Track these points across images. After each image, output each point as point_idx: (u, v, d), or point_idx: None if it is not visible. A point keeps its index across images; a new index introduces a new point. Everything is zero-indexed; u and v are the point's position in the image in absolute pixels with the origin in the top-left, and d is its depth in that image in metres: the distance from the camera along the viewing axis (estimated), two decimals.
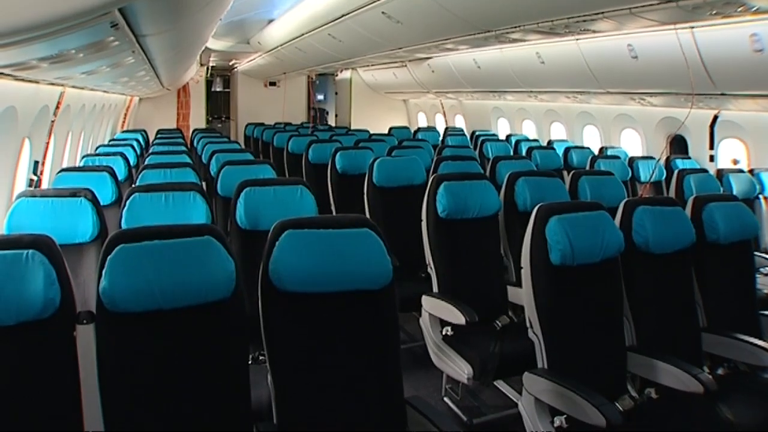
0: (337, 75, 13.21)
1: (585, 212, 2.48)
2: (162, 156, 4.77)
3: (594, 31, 4.32)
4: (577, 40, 5.37)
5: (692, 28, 4.29)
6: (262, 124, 10.27)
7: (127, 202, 2.73)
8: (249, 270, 2.28)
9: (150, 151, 5.59)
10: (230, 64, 11.99)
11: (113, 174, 3.55)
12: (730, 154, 5.68)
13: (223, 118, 13.53)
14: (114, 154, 4.73)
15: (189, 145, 7.86)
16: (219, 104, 13.52)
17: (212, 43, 9.13)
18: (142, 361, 1.75)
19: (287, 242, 1.94)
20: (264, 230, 2.04)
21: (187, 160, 4.57)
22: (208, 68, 12.33)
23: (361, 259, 1.98)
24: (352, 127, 11.47)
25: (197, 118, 12.37)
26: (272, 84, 12.92)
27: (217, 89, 13.53)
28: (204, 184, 4.69)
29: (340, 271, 1.95)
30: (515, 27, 4.31)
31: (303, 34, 7.14)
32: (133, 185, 2.97)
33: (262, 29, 8.67)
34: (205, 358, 1.81)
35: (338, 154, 4.77)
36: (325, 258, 1.94)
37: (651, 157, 5.86)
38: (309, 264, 1.92)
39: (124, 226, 2.64)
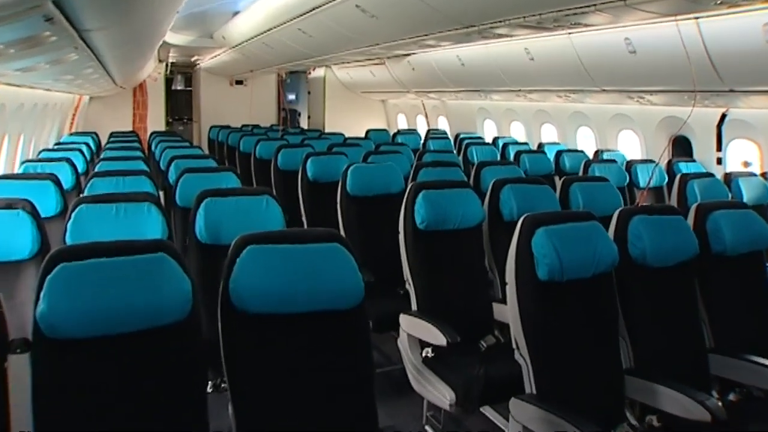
0: (309, 73, 13.22)
1: (575, 223, 2.50)
2: (115, 162, 4.73)
3: (586, 25, 4.37)
4: (570, 33, 5.41)
5: (697, 18, 4.29)
6: (227, 127, 10.23)
7: (73, 215, 2.69)
8: (209, 289, 2.27)
9: (101, 156, 5.53)
10: (192, 60, 11.94)
11: (57, 182, 3.49)
12: (741, 156, 5.72)
13: (184, 120, 13.46)
14: (59, 159, 4.66)
15: (146, 150, 7.80)
16: (180, 104, 13.44)
17: (171, 37, 9.08)
18: (85, 394, 1.72)
19: (249, 259, 1.94)
20: (226, 245, 2.04)
21: (143, 167, 4.53)
22: (167, 65, 12.26)
23: (330, 276, 1.99)
24: (326, 130, 11.48)
25: (155, 120, 12.28)
26: (239, 83, 12.89)
27: (178, 88, 13.46)
28: (162, 193, 4.65)
29: (307, 289, 1.95)
30: (500, 22, 4.35)
31: (271, 29, 7.13)
32: (81, 195, 2.93)
33: (226, 23, 8.64)
34: (157, 388, 1.79)
35: (309, 160, 4.78)
36: (290, 276, 1.95)
37: (651, 161, 5.92)
38: (272, 282, 1.92)
39: (68, 241, 2.61)
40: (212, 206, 2.91)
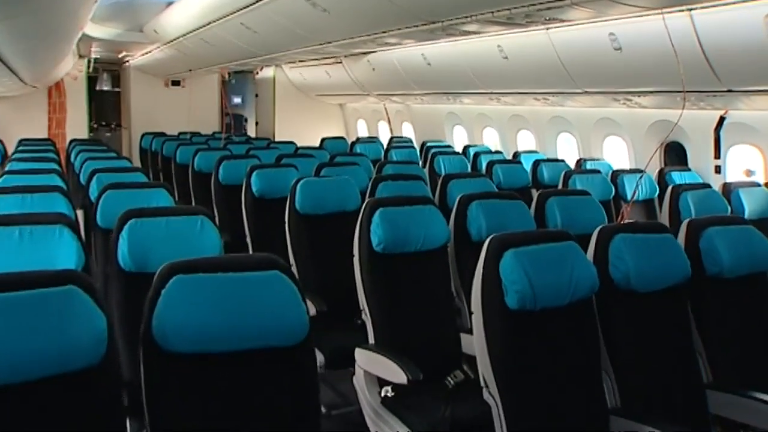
0: (257, 73, 13.21)
1: (549, 243, 2.55)
2: (22, 176, 4.62)
3: (563, 21, 4.46)
4: (548, 29, 5.50)
5: (690, 10, 4.35)
6: (162, 135, 10.16)
7: None
8: (135, 325, 2.24)
9: (5, 168, 5.43)
10: (120, 56, 11.82)
11: None
12: (742, 164, 5.82)
13: (112, 126, 13.32)
14: None
15: (63, 162, 7.68)
16: (106, 108, 13.30)
17: (93, 30, 9.00)
18: None
19: (176, 290, 1.94)
20: (153, 273, 2.03)
21: (58, 181, 4.45)
22: (89, 61, 12.12)
23: (269, 309, 2.00)
24: (277, 138, 11.48)
25: (76, 126, 12.08)
26: (175, 84, 12.81)
27: (104, 88, 13.31)
28: (81, 213, 4.58)
29: (242, 325, 1.96)
30: (466, 18, 4.41)
31: (210, 23, 7.14)
32: None
33: (158, 14, 8.62)
34: None
35: (255, 173, 4.80)
36: (223, 309, 1.95)
37: (640, 171, 6.00)
38: (203, 317, 1.92)
39: None
40: (138, 228, 2.88)
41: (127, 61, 12.43)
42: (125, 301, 2.81)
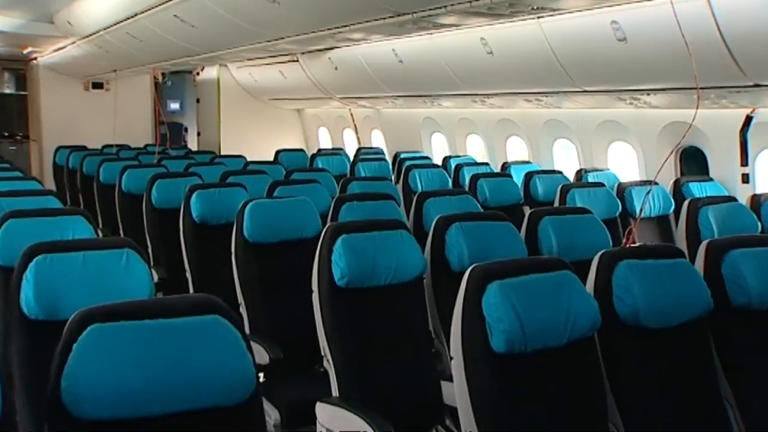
0: (197, 74, 13.20)
1: (541, 273, 2.57)
2: None
3: (554, 10, 4.50)
4: (539, 18, 5.54)
5: None
6: (82, 148, 10.07)
7: None
8: (40, 386, 2.21)
9: None
10: (25, 52, 11.72)
11: None
12: None
13: (17, 137, 13.19)
14: None
15: None
16: (9, 115, 13.21)
17: None
18: None
19: (91, 342, 1.90)
20: (65, 321, 2.00)
21: None
22: None
23: (208, 362, 1.98)
24: (222, 152, 11.46)
25: None
26: (97, 86, 12.75)
27: (6, 91, 13.25)
28: None
29: (175, 382, 1.94)
30: (439, 8, 4.45)
31: (136, 14, 7.14)
32: None
33: (71, 2, 8.58)
34: None
35: (195, 194, 4.80)
36: (150, 364, 1.92)
37: (650, 182, 6.02)
38: (125, 375, 1.89)
39: None
40: (47, 266, 2.83)
41: (35, 59, 12.35)
42: (29, 357, 2.75)
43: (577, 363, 2.58)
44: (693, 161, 6.61)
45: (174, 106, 13.82)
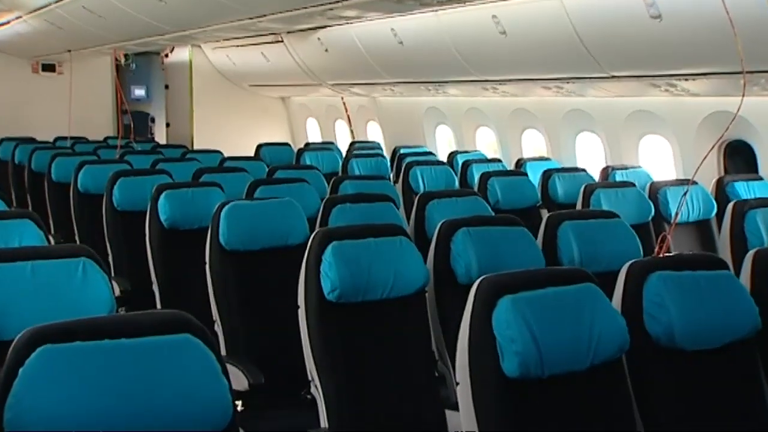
0: (166, 56, 13.20)
1: (560, 286, 2.57)
2: None
3: None
4: None
5: None
6: (32, 141, 10.07)
7: None
8: None
9: None
10: None
11: None
12: None
13: None
14: None
15: None
16: None
17: None
18: None
19: (41, 366, 1.89)
20: (10, 341, 2.00)
21: None
22: None
23: (178, 387, 1.97)
24: (195, 146, 11.48)
25: None
26: (48, 69, 12.76)
27: None
28: None
29: (139, 411, 1.93)
30: None
31: None
32: None
33: None
34: None
35: (164, 195, 4.78)
36: (111, 390, 1.92)
37: (688, 181, 6.02)
38: (81, 403, 1.89)
39: None
40: None
41: None
42: None
43: (602, 390, 2.58)
44: (739, 157, 6.64)
45: (139, 92, 13.86)
